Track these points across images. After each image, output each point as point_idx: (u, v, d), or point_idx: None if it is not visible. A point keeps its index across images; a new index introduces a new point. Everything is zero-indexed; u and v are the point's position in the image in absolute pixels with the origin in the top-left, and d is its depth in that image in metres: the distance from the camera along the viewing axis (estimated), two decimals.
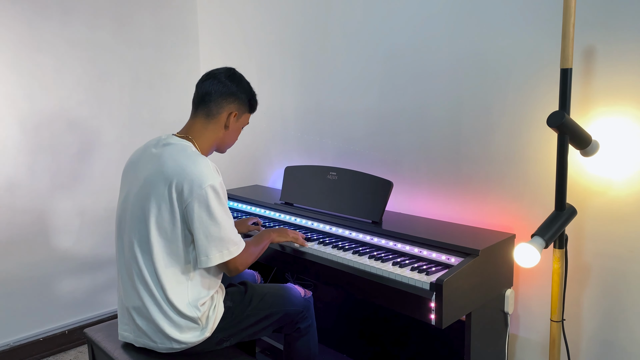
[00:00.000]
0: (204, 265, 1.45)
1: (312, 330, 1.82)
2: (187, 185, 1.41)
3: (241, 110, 1.63)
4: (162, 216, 1.44)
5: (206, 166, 1.45)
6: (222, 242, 1.45)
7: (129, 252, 1.50)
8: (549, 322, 1.74)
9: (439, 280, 1.42)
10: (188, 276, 1.49)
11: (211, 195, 1.42)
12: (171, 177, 1.43)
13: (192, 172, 1.42)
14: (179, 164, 1.44)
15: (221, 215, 1.45)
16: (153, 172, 1.47)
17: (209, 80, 1.59)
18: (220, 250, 1.45)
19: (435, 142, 2.01)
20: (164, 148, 1.51)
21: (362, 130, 2.27)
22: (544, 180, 1.72)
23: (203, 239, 1.43)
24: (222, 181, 1.48)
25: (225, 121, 1.59)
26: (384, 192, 1.88)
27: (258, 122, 2.77)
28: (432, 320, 1.44)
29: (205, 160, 1.47)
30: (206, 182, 1.41)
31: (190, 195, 1.41)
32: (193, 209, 1.41)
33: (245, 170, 2.93)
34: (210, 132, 1.59)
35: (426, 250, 1.68)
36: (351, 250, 1.76)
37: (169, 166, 1.45)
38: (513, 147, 1.78)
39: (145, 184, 1.48)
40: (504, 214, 1.83)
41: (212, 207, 1.42)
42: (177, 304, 1.47)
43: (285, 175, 2.23)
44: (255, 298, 1.67)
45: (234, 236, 1.50)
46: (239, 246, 1.51)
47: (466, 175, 1.93)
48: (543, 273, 1.75)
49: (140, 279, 1.48)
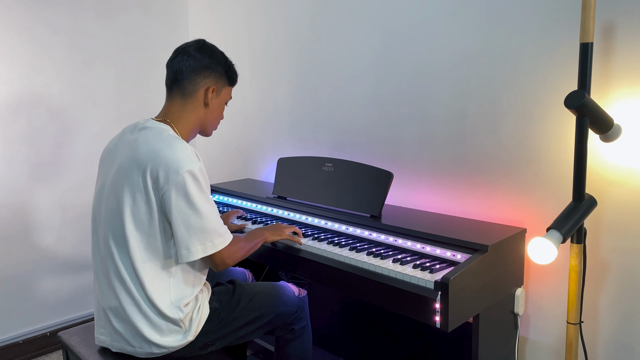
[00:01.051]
0: (185, 259, 1.32)
1: (306, 332, 1.70)
2: (162, 171, 1.29)
3: (219, 84, 1.49)
4: (137, 207, 1.33)
5: (183, 150, 1.32)
6: (205, 233, 1.33)
7: (105, 247, 1.39)
8: (562, 324, 1.62)
9: (444, 278, 1.30)
10: (169, 272, 1.37)
11: (190, 181, 1.29)
12: (145, 164, 1.31)
13: (168, 157, 1.30)
14: (153, 148, 1.33)
15: (202, 204, 1.32)
16: (127, 159, 1.36)
17: (178, 57, 1.46)
18: (203, 243, 1.33)
19: (439, 130, 1.88)
20: (139, 133, 1.40)
21: (359, 120, 2.15)
22: (557, 169, 1.59)
23: (183, 231, 1.31)
24: (202, 166, 1.35)
25: (203, 98, 1.46)
26: (383, 183, 1.75)
27: (249, 112, 2.64)
28: (436, 323, 1.32)
29: (182, 144, 1.34)
30: (183, 167, 1.29)
31: (167, 182, 1.29)
32: (170, 197, 1.29)
33: (236, 164, 2.81)
34: (189, 113, 1.46)
35: (429, 246, 1.56)
36: (348, 246, 1.64)
37: (143, 151, 1.33)
38: (524, 133, 1.66)
39: (118, 173, 1.37)
40: (513, 207, 1.71)
41: (192, 194, 1.30)
42: (157, 304, 1.35)
43: (278, 168, 2.10)
44: (244, 298, 1.55)
45: (219, 227, 1.37)
46: (225, 238, 1.38)
47: (472, 166, 1.80)
48: (556, 271, 1.63)
49: (116, 276, 1.37)
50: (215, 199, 2.36)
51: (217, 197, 2.36)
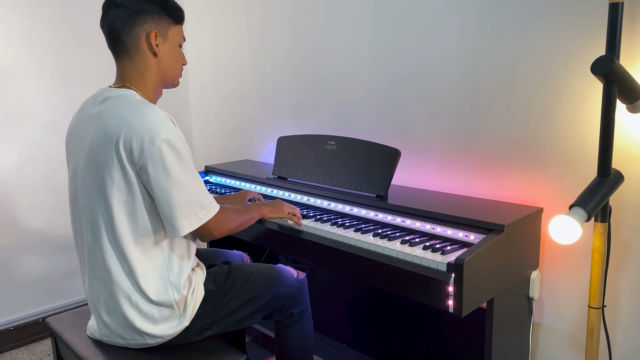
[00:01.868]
0: (173, 235, 1.25)
1: (306, 316, 1.62)
2: (135, 143, 1.18)
3: (161, 26, 1.31)
4: (117, 186, 1.23)
5: (155, 117, 1.21)
6: (188, 207, 1.24)
7: (88, 234, 1.30)
8: (578, 309, 1.54)
9: (458, 260, 1.21)
10: (162, 248, 1.29)
11: (166, 151, 1.19)
12: (117, 137, 1.19)
13: (140, 127, 1.19)
14: (122, 118, 1.21)
15: (182, 175, 1.22)
16: (97, 136, 1.23)
17: (107, 13, 1.30)
18: (187, 217, 1.24)
19: (448, 105, 1.78)
20: (103, 104, 1.28)
21: (364, 96, 2.04)
22: (576, 145, 1.49)
23: (165, 206, 1.22)
24: (179, 132, 1.24)
25: (148, 48, 1.30)
26: (390, 162, 1.66)
27: (247, 90, 2.53)
28: (449, 308, 1.24)
29: (153, 110, 1.22)
30: (158, 136, 1.18)
31: (142, 154, 1.18)
32: (147, 171, 1.19)
33: (233, 144, 2.71)
34: (143, 71, 1.31)
35: (440, 226, 1.47)
36: (353, 227, 1.56)
37: (112, 124, 1.21)
38: (540, 106, 1.55)
39: (91, 152, 1.25)
40: (528, 186, 1.61)
41: (170, 166, 1.20)
42: (148, 290, 1.27)
43: (278, 147, 2.00)
44: (240, 279, 1.47)
45: (202, 198, 1.28)
46: (209, 210, 1.29)
47: (484, 142, 1.70)
48: (573, 253, 1.54)
49: (102, 265, 1.28)
50: (212, 180, 2.27)
51: (213, 179, 2.26)
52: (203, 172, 2.30)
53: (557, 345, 1.61)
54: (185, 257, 1.34)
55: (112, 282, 1.27)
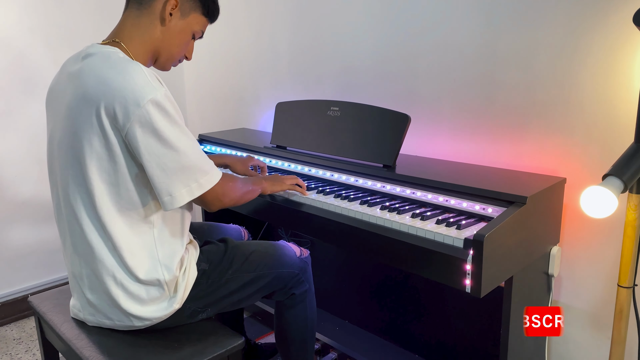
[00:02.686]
0: (170, 206, 1.12)
1: (309, 297, 1.51)
2: (119, 106, 1.06)
3: (186, 4, 1.23)
4: (97, 154, 1.10)
5: (139, 76, 1.08)
6: (187, 172, 1.12)
7: (66, 207, 1.19)
8: (599, 287, 1.45)
9: (478, 235, 1.10)
10: (151, 224, 1.18)
11: (155, 113, 1.06)
12: (97, 99, 1.07)
13: (122, 87, 1.06)
14: (102, 78, 1.08)
15: (176, 137, 1.10)
16: (74, 98, 1.12)
17: None
18: (187, 184, 1.12)
19: (462, 66, 1.64)
20: (83, 62, 1.15)
21: (369, 56, 1.90)
22: (603, 109, 1.37)
23: (159, 174, 1.10)
24: (167, 92, 1.11)
25: (160, 10, 1.20)
26: (398, 128, 1.52)
27: (243, 53, 2.39)
28: (466, 287, 1.13)
29: (137, 67, 1.09)
30: (144, 96, 1.05)
31: (127, 118, 1.06)
32: (136, 136, 1.07)
33: (229, 112, 2.58)
34: (143, 30, 1.20)
35: (454, 198, 1.36)
36: (358, 200, 1.45)
37: (91, 84, 1.09)
38: (564, 64, 1.42)
39: (68, 116, 1.13)
40: (549, 154, 1.49)
41: (161, 128, 1.07)
42: (135, 268, 1.16)
43: (277, 113, 1.87)
44: (237, 258, 1.35)
45: (203, 163, 1.16)
46: (212, 175, 1.17)
47: (501, 107, 1.57)
48: (595, 227, 1.43)
49: (83, 240, 1.17)
50: (207, 149, 2.14)
51: (208, 148, 2.13)
52: (197, 141, 2.16)
53: (577, 325, 1.51)
54: (178, 234, 1.23)
55: (94, 259, 1.16)
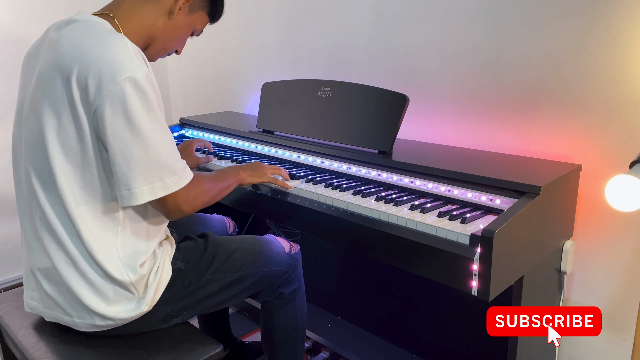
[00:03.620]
0: (126, 202, 1.01)
1: (299, 296, 1.39)
2: (92, 78, 0.94)
3: (196, 3, 1.16)
4: (64, 130, 1.00)
5: (122, 49, 0.96)
6: (152, 168, 0.99)
7: (27, 188, 1.09)
8: (614, 284, 1.34)
9: (486, 231, 0.97)
10: (115, 219, 1.06)
11: (130, 92, 0.94)
12: (69, 68, 0.97)
13: (100, 57, 0.95)
14: (79, 47, 0.98)
15: (149, 126, 0.98)
16: (47, 65, 1.03)
17: None
18: (150, 182, 0.99)
19: (465, 41, 1.51)
20: (65, 29, 1.04)
21: (363, 31, 1.77)
22: (624, 86, 1.24)
23: (121, 163, 0.98)
24: (151, 74, 0.99)
25: (170, 4, 1.12)
26: (395, 110, 1.39)
27: (228, 30, 2.23)
28: (472, 290, 1.00)
29: (122, 41, 0.98)
30: (122, 72, 0.94)
31: (99, 93, 0.94)
32: (104, 115, 0.95)
33: (214, 94, 2.45)
34: (145, 14, 1.11)
35: (458, 188, 1.23)
36: (351, 189, 1.33)
37: (66, 52, 0.99)
38: (579, 38, 1.29)
39: (38, 84, 1.04)
40: (562, 138, 1.37)
41: (133, 111, 0.95)
42: (101, 261, 1.04)
43: (263, 95, 1.73)
44: (219, 256, 1.23)
45: (173, 161, 1.03)
46: (181, 177, 1.04)
47: (508, 87, 1.45)
48: (611, 218, 1.30)
49: (44, 225, 1.06)
50: (188, 134, 1.99)
51: (189, 133, 1.99)
52: (178, 125, 2.03)
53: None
54: (142, 234, 1.10)
55: (55, 244, 1.05)
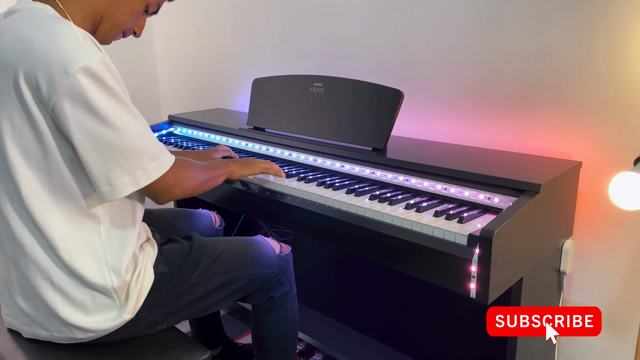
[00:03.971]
0: (109, 198, 0.93)
1: (290, 300, 1.34)
2: (42, 73, 0.86)
3: None
4: (20, 133, 0.92)
5: (69, 37, 0.88)
6: (130, 156, 0.92)
7: None
8: (614, 285, 1.31)
9: (485, 231, 0.93)
10: (95, 220, 0.99)
11: (88, 83, 0.87)
12: (14, 65, 0.89)
13: (46, 50, 0.87)
14: (22, 39, 0.89)
15: (117, 113, 0.90)
16: None
17: None
18: (130, 171, 0.93)
19: (462, 35, 1.47)
20: (4, 21, 0.96)
21: (357, 26, 1.72)
22: (625, 81, 1.20)
23: (95, 158, 0.90)
24: (106, 59, 0.91)
25: None
26: (389, 106, 1.35)
27: (218, 25, 2.19)
28: (471, 292, 0.96)
29: (67, 27, 0.89)
30: (74, 63, 0.86)
31: (53, 89, 0.86)
32: (64, 111, 0.87)
33: (204, 91, 2.39)
34: None
35: (454, 186, 1.19)
36: (345, 188, 1.27)
37: (9, 47, 0.90)
38: (578, 35, 1.25)
39: None
40: (560, 135, 1.33)
41: (96, 102, 0.88)
42: (78, 267, 0.97)
43: (254, 91, 1.68)
44: (205, 259, 1.17)
45: (150, 146, 0.96)
46: (161, 161, 0.97)
47: (506, 82, 1.40)
48: (611, 216, 1.27)
49: (10, 238, 0.99)
50: (177, 132, 1.94)
51: (178, 130, 1.93)
52: (166, 123, 1.97)
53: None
54: (130, 231, 1.04)
55: (25, 259, 0.98)
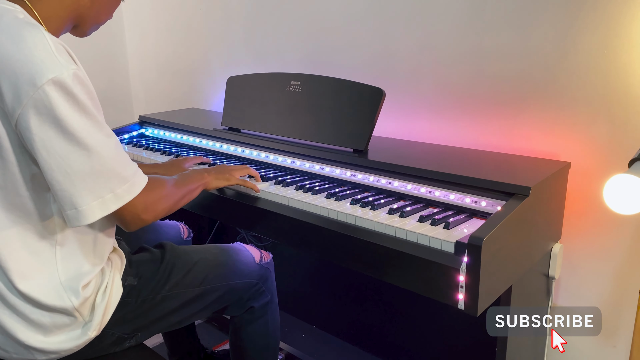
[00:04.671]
0: (74, 223, 0.86)
1: (271, 310, 1.28)
2: (7, 83, 0.80)
3: None
4: None
5: (40, 45, 0.81)
6: (100, 178, 0.86)
7: None
8: (603, 289, 1.27)
9: (474, 238, 0.87)
10: (52, 240, 0.92)
11: (57, 97, 0.80)
12: None
13: (14, 58, 0.80)
14: None
15: (87, 131, 0.83)
16: None
17: None
18: (99, 195, 0.86)
19: (445, 31, 1.42)
20: None
21: (337, 21, 1.66)
22: (613, 78, 1.16)
23: (61, 179, 0.83)
24: (80, 72, 0.84)
25: None
26: (371, 106, 1.29)
27: (191, 21, 2.11)
28: (459, 303, 0.90)
29: (38, 34, 0.82)
30: (44, 74, 0.79)
31: (18, 101, 0.80)
32: (29, 126, 0.81)
33: (179, 90, 2.31)
34: None
35: (439, 189, 1.14)
36: (324, 192, 1.21)
37: None
38: (567, 27, 1.21)
39: None
40: (547, 134, 1.29)
41: (65, 118, 0.81)
42: (32, 291, 0.91)
43: (228, 90, 1.61)
44: (178, 269, 1.10)
45: (122, 168, 0.89)
46: (133, 184, 0.90)
47: (491, 80, 1.36)
48: (599, 218, 1.23)
49: None
50: (148, 133, 1.85)
51: (150, 132, 1.85)
52: (137, 124, 1.88)
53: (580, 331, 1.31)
54: (90, 252, 0.96)
55: None
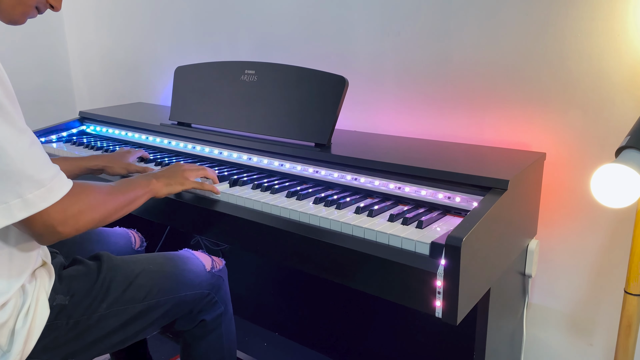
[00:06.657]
0: None
1: (225, 322, 1.15)
2: None
3: None
4: None
5: None
6: (5, 182, 0.73)
7: None
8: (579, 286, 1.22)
9: (452, 239, 0.79)
10: None
11: None
12: None
13: None
14: None
15: None
16: None
17: None
18: (3, 200, 0.73)
19: (410, 18, 1.33)
20: None
21: (292, 5, 1.55)
22: (587, 65, 1.10)
23: None
24: None
25: None
26: (333, 95, 1.19)
27: (135, 8, 1.93)
28: (436, 311, 0.81)
29: None
30: None
31: None
32: None
33: (125, 84, 2.16)
34: None
35: (409, 185, 1.05)
36: (284, 190, 1.11)
37: None
38: (536, 15, 1.14)
39: None
40: (518, 124, 1.22)
41: None
42: None
43: (177, 81, 1.48)
44: (117, 284, 0.96)
45: (37, 170, 0.76)
46: (50, 190, 0.77)
47: (458, 68, 1.28)
48: (575, 212, 1.17)
49: None
50: (89, 130, 1.68)
51: (91, 128, 1.69)
52: (77, 120, 1.71)
53: (552, 329, 1.25)
54: (5, 269, 0.82)
55: None
